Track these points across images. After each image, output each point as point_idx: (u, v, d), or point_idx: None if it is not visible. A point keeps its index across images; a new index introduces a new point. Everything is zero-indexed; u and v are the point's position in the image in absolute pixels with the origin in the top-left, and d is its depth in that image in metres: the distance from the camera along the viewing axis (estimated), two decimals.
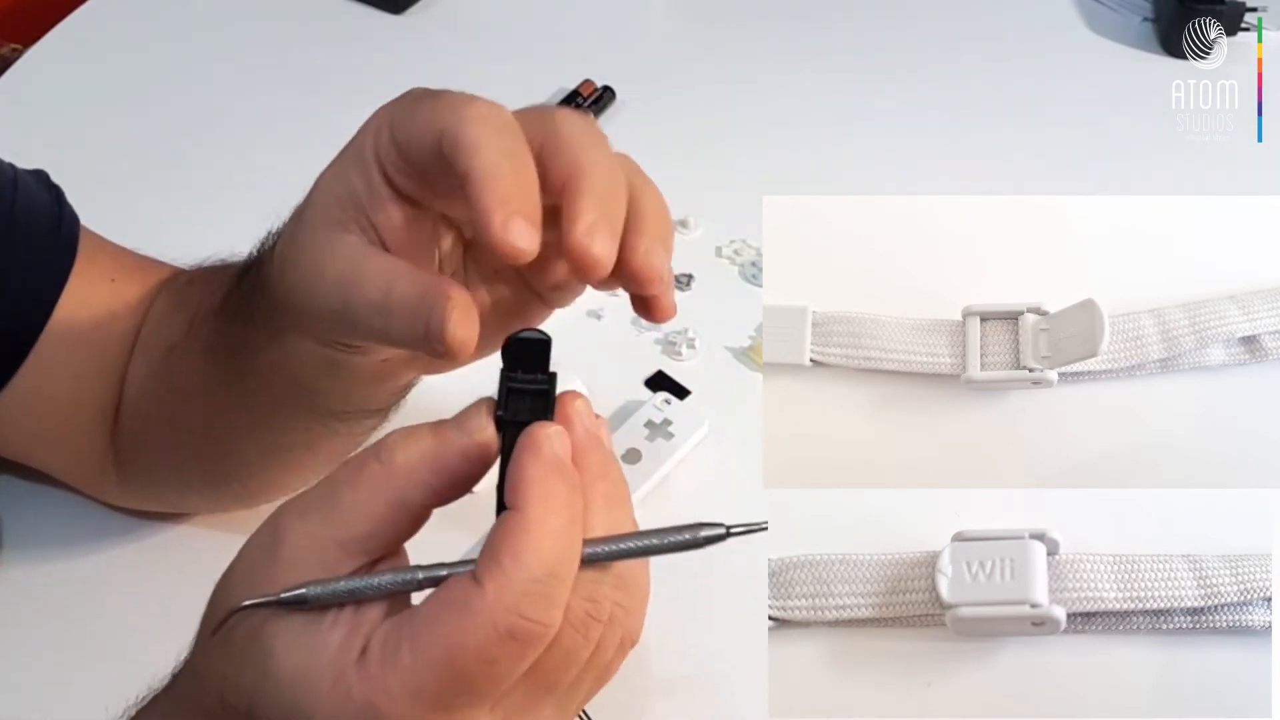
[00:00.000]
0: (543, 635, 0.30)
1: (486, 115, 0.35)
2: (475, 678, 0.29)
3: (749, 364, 0.66)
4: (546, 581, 0.29)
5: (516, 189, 0.33)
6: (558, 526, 0.30)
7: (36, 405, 0.52)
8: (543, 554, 0.29)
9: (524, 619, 0.29)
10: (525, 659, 0.30)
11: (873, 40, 0.91)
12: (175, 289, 0.53)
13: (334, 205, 0.38)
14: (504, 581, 0.29)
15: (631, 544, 0.31)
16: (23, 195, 0.52)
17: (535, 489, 0.30)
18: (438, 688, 0.29)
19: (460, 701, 0.30)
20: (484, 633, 0.29)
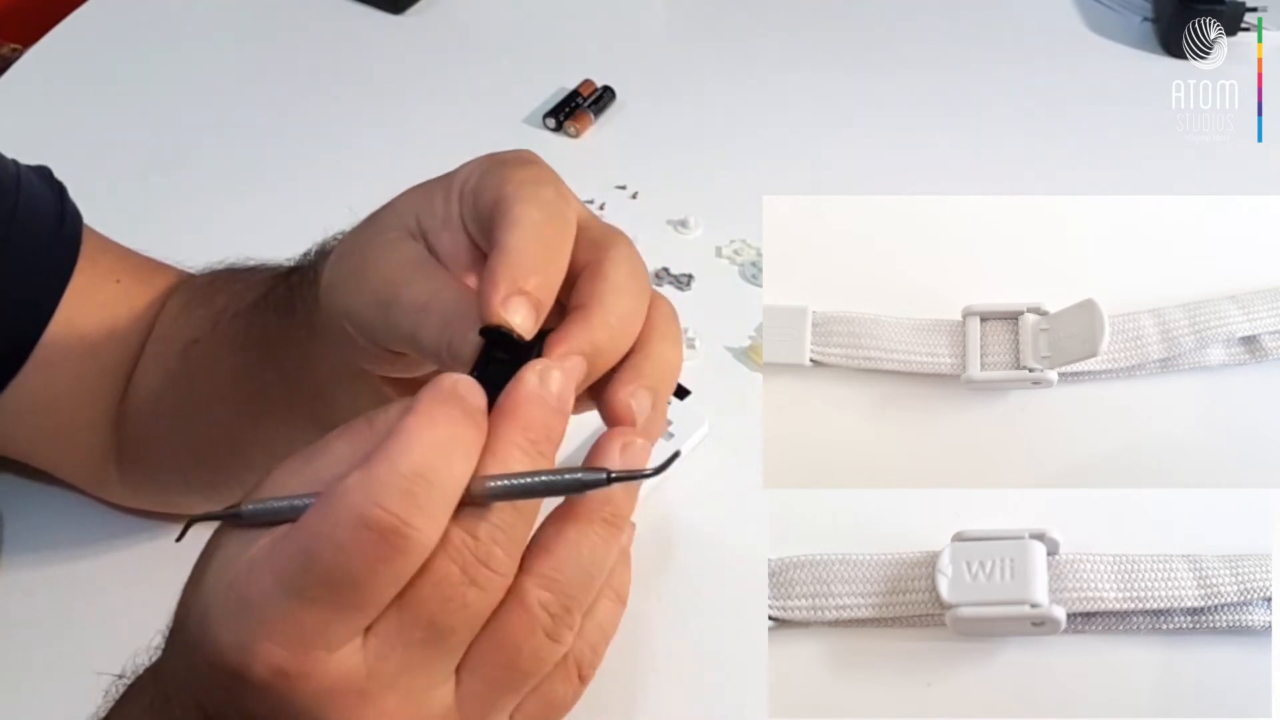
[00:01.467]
0: (399, 531, 0.28)
1: (546, 201, 0.35)
2: (331, 568, 0.28)
3: (749, 364, 0.65)
4: (411, 479, 0.28)
5: (535, 271, 0.33)
6: (433, 437, 0.29)
7: (39, 404, 0.52)
8: (412, 456, 0.29)
9: (380, 508, 0.28)
10: (384, 559, 0.28)
11: (873, 40, 0.91)
12: (193, 289, 0.53)
13: (410, 214, 0.38)
14: (367, 473, 0.29)
15: (518, 483, 0.31)
16: (26, 192, 0.52)
17: (422, 407, 0.30)
18: (297, 576, 0.29)
19: (319, 594, 0.29)
20: (339, 518, 0.28)
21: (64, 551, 0.57)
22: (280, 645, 0.29)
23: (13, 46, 1.03)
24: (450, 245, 0.38)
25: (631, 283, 0.35)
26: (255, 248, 0.55)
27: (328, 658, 0.29)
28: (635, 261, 0.36)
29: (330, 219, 0.43)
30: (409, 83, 0.85)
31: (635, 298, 0.35)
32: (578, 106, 0.82)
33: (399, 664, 0.30)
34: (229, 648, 0.29)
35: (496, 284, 0.33)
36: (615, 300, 0.35)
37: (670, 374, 0.36)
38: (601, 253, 0.36)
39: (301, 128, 0.81)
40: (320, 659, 0.29)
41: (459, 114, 0.81)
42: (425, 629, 0.30)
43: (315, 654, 0.29)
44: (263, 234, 0.52)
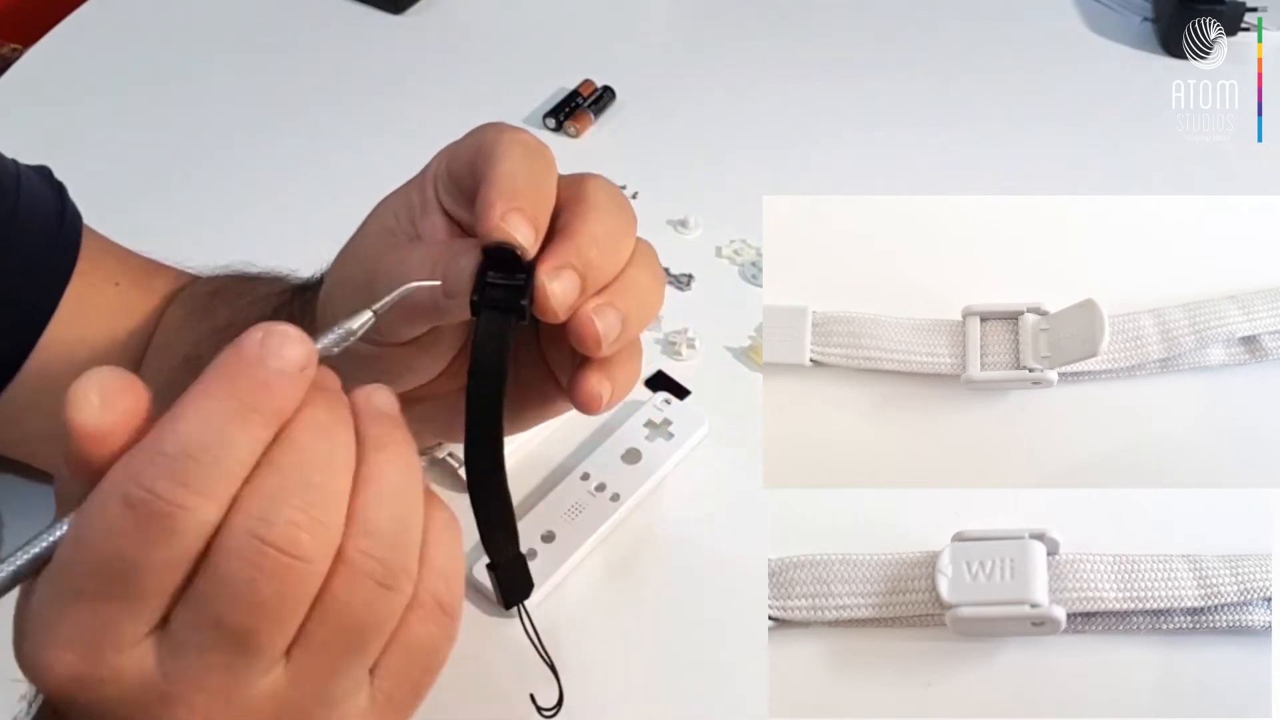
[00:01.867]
0: (164, 511, 0.26)
1: (523, 140, 0.37)
2: (100, 555, 0.27)
3: (749, 364, 0.65)
4: (177, 457, 0.26)
5: (526, 193, 0.34)
6: (210, 409, 0.27)
7: (37, 405, 0.52)
8: (179, 432, 0.27)
9: (142, 488, 0.26)
10: (154, 542, 0.26)
11: (873, 40, 0.91)
12: (193, 299, 0.53)
13: (388, 215, 0.40)
14: (132, 451, 0.27)
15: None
16: (26, 192, 0.52)
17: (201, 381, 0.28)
18: (68, 571, 0.27)
19: (98, 590, 0.27)
20: (103, 499, 0.27)
21: None
22: (67, 650, 0.27)
23: (13, 46, 1.03)
24: (429, 229, 0.39)
25: (612, 203, 0.37)
26: (254, 246, 0.55)
27: (118, 658, 0.28)
28: (612, 188, 0.38)
29: (329, 218, 0.43)
30: (409, 83, 0.85)
31: (618, 216, 0.37)
32: (578, 106, 0.82)
33: (196, 664, 0.28)
34: (25, 665, 0.28)
35: (493, 204, 0.34)
36: (598, 218, 0.36)
37: (645, 300, 0.37)
38: (578, 185, 0.37)
39: (301, 127, 0.81)
40: (111, 660, 0.27)
41: (459, 114, 0.80)
42: (216, 628, 0.28)
43: (104, 655, 0.27)
44: (262, 233, 0.52)
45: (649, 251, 0.39)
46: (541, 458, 0.59)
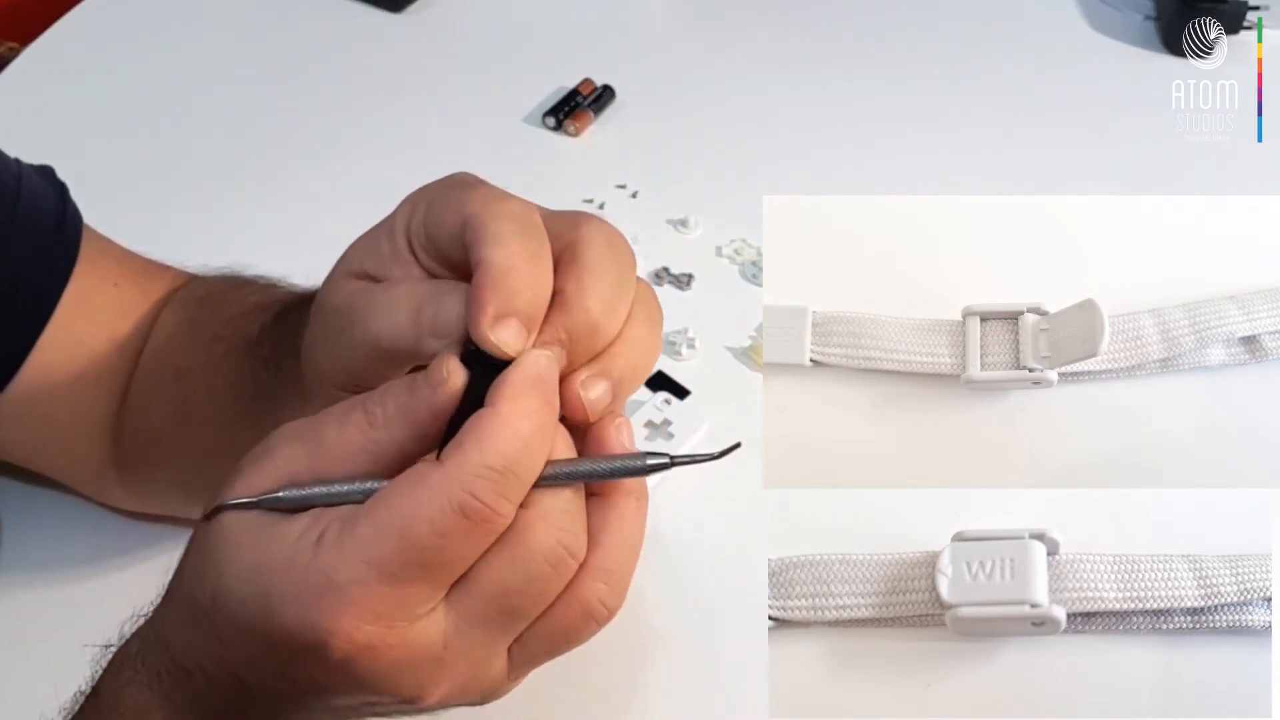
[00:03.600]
0: (491, 519, 0.30)
1: (516, 213, 0.34)
2: (426, 549, 0.30)
3: (749, 364, 0.65)
4: (503, 472, 0.30)
5: (523, 289, 0.33)
6: (525, 429, 0.31)
7: (36, 408, 0.51)
8: (504, 447, 0.31)
9: (474, 498, 0.30)
10: (473, 542, 0.31)
11: (873, 40, 0.91)
12: (186, 304, 0.53)
13: (356, 261, 0.38)
14: (462, 460, 0.30)
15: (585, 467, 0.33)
16: (27, 192, 0.52)
17: (511, 391, 0.31)
18: (390, 555, 0.30)
19: (410, 574, 0.30)
20: (437, 503, 0.30)
21: (63, 555, 0.57)
22: (367, 621, 0.30)
23: (10, 45, 1.03)
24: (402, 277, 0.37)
25: (610, 259, 0.34)
26: (254, 246, 0.55)
27: (410, 629, 0.31)
28: (610, 235, 0.35)
29: (329, 216, 0.43)
30: (409, 82, 0.85)
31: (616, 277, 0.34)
32: (577, 105, 0.82)
33: (475, 639, 0.32)
34: (304, 628, 0.31)
35: (483, 306, 0.32)
36: (595, 287, 0.34)
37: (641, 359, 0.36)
38: (573, 236, 0.35)
39: (300, 126, 0.81)
40: (404, 629, 0.31)
41: (459, 113, 0.81)
42: (507, 612, 0.32)
43: (400, 625, 0.31)
44: (261, 232, 0.52)
45: (648, 299, 0.36)
46: None
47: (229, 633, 0.32)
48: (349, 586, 0.30)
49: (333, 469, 0.32)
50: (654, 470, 0.34)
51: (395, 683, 0.31)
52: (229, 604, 0.32)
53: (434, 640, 0.31)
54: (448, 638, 0.32)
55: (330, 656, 0.31)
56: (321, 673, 0.31)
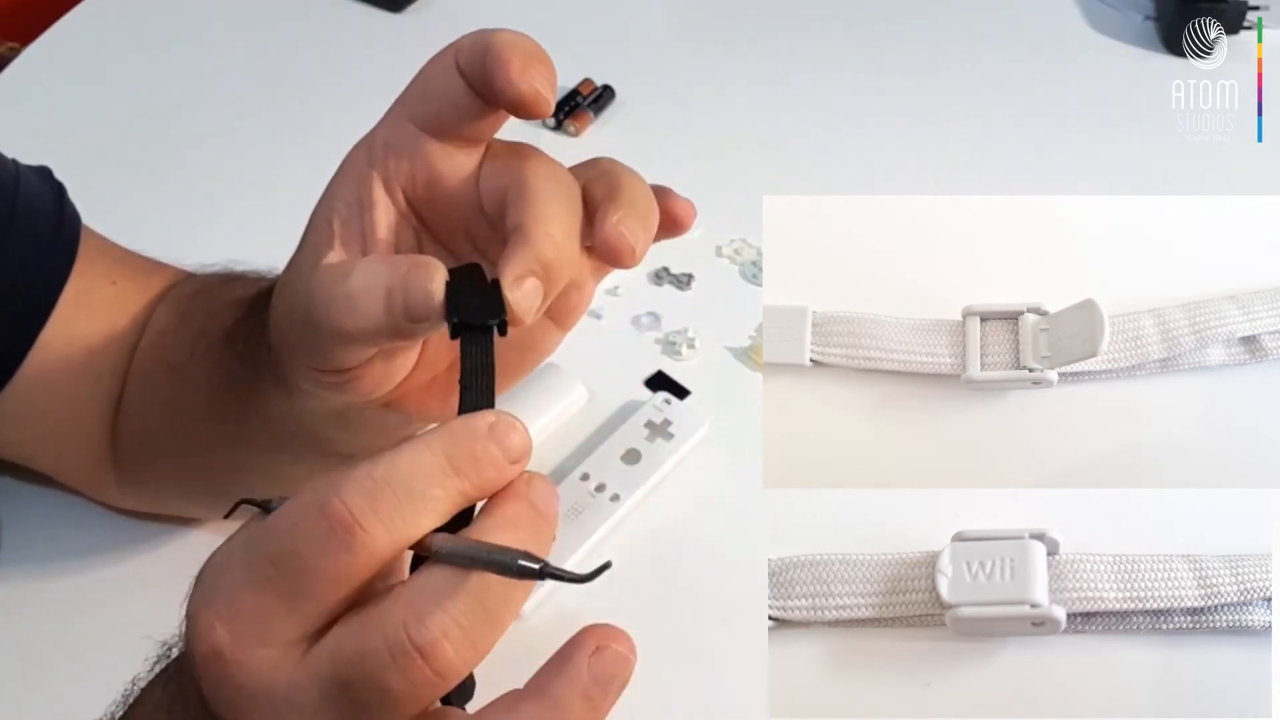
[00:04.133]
0: (348, 526, 0.28)
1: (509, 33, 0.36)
2: (280, 543, 0.29)
3: (749, 364, 0.65)
4: (378, 482, 0.28)
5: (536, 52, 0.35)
6: (424, 461, 0.29)
7: (35, 406, 0.51)
8: (395, 463, 0.29)
9: (338, 498, 0.28)
10: (327, 551, 0.28)
11: (873, 40, 0.91)
12: (178, 300, 0.53)
13: (323, 222, 0.38)
14: (348, 469, 0.29)
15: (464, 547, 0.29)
16: (25, 192, 0.52)
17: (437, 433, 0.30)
18: (251, 549, 0.29)
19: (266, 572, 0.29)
20: (302, 501, 0.29)
21: (63, 554, 0.57)
22: (222, 622, 0.29)
23: (10, 45, 1.03)
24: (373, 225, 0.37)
25: (557, 186, 0.35)
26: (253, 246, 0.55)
27: (257, 653, 0.29)
28: (551, 166, 0.36)
29: None
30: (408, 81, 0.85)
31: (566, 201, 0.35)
32: (577, 105, 0.82)
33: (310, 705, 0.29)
34: (186, 613, 0.30)
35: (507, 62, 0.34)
36: (548, 210, 0.34)
37: (647, 201, 0.37)
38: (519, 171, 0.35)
39: (300, 126, 0.81)
40: (254, 650, 0.29)
41: None
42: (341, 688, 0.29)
43: (251, 642, 0.29)
44: (260, 232, 0.51)
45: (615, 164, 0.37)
46: (541, 459, 0.59)
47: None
48: (217, 574, 0.29)
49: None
50: (522, 574, 0.29)
51: (236, 712, 0.29)
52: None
53: (276, 681, 0.29)
54: (289, 691, 0.29)
55: (196, 653, 0.29)
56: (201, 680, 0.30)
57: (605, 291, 0.70)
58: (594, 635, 0.30)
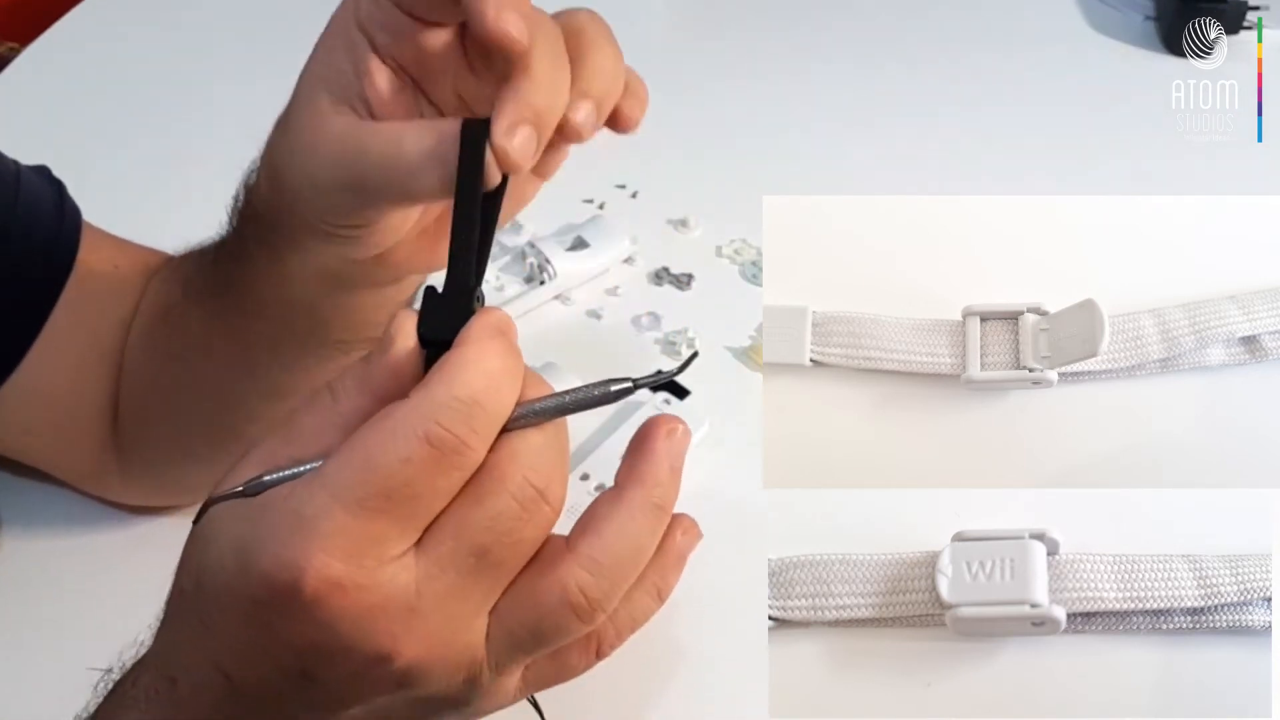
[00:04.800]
0: (457, 449, 0.30)
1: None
2: (392, 479, 0.30)
3: (749, 364, 0.65)
4: (469, 404, 0.30)
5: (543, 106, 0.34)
6: (492, 365, 0.31)
7: (39, 396, 0.52)
8: (471, 380, 0.30)
9: (440, 426, 0.30)
10: (442, 473, 0.30)
11: (873, 40, 0.91)
12: (170, 265, 0.53)
13: (322, 91, 0.38)
14: (428, 394, 0.30)
15: (551, 402, 0.32)
16: (25, 188, 0.52)
17: (477, 334, 0.31)
18: (356, 486, 0.30)
19: (378, 506, 0.30)
20: (402, 432, 0.30)
21: (62, 550, 0.57)
22: (336, 557, 0.30)
23: (10, 45, 1.03)
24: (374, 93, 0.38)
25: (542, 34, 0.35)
26: None
27: (380, 569, 0.30)
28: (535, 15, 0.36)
29: None
30: None
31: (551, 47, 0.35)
32: None
33: (448, 586, 0.31)
34: (277, 568, 0.30)
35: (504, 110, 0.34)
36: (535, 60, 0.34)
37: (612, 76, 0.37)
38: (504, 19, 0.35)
39: None
40: (374, 570, 0.30)
41: None
42: (479, 556, 0.31)
43: (369, 564, 0.30)
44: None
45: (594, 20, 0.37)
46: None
47: (211, 610, 0.32)
48: (317, 520, 0.30)
49: (308, 450, 0.32)
50: (618, 396, 0.33)
51: (367, 631, 0.30)
52: (210, 573, 0.31)
53: (405, 585, 0.30)
54: (419, 583, 0.31)
55: (303, 598, 0.30)
56: (296, 626, 0.30)
57: (605, 291, 0.70)
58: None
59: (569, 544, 0.32)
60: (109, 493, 0.57)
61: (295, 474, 0.32)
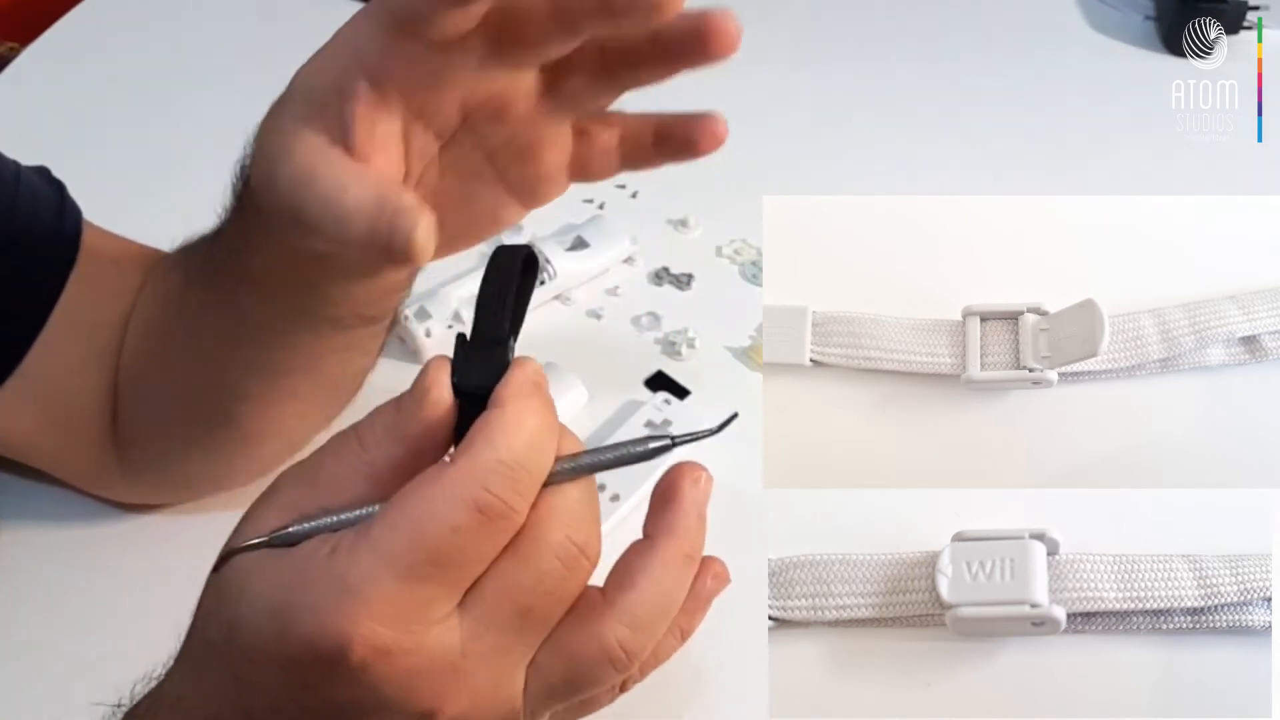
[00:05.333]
0: (505, 514, 0.30)
1: None
2: (440, 546, 0.30)
3: (749, 364, 0.65)
4: (514, 467, 0.30)
5: None
6: (532, 425, 0.31)
7: (41, 394, 0.52)
8: (514, 443, 0.31)
9: (489, 492, 0.30)
10: (489, 538, 0.30)
11: (873, 39, 0.91)
12: (169, 259, 0.53)
13: (302, 99, 0.38)
14: (474, 458, 0.30)
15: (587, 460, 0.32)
16: (25, 190, 0.52)
17: (515, 391, 0.31)
18: (405, 554, 0.30)
19: (426, 574, 0.30)
20: (450, 499, 0.30)
21: (62, 549, 0.57)
22: (384, 624, 0.30)
23: (10, 45, 1.03)
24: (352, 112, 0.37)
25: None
26: None
27: (426, 633, 0.30)
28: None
29: None
30: None
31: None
32: None
33: (492, 644, 0.31)
34: (321, 635, 0.30)
35: None
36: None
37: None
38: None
39: None
40: (421, 634, 0.30)
41: None
42: (522, 614, 0.31)
43: (416, 629, 0.30)
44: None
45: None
46: None
47: (244, 664, 0.31)
48: (364, 587, 0.30)
49: (336, 499, 0.32)
50: (656, 453, 0.34)
51: (412, 693, 0.31)
52: (244, 630, 0.31)
53: (451, 646, 0.31)
54: (464, 643, 0.31)
55: (348, 664, 0.30)
56: (339, 688, 0.30)
57: (605, 291, 0.70)
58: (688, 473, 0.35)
59: (606, 597, 0.33)
60: (111, 491, 0.57)
61: (326, 525, 0.32)
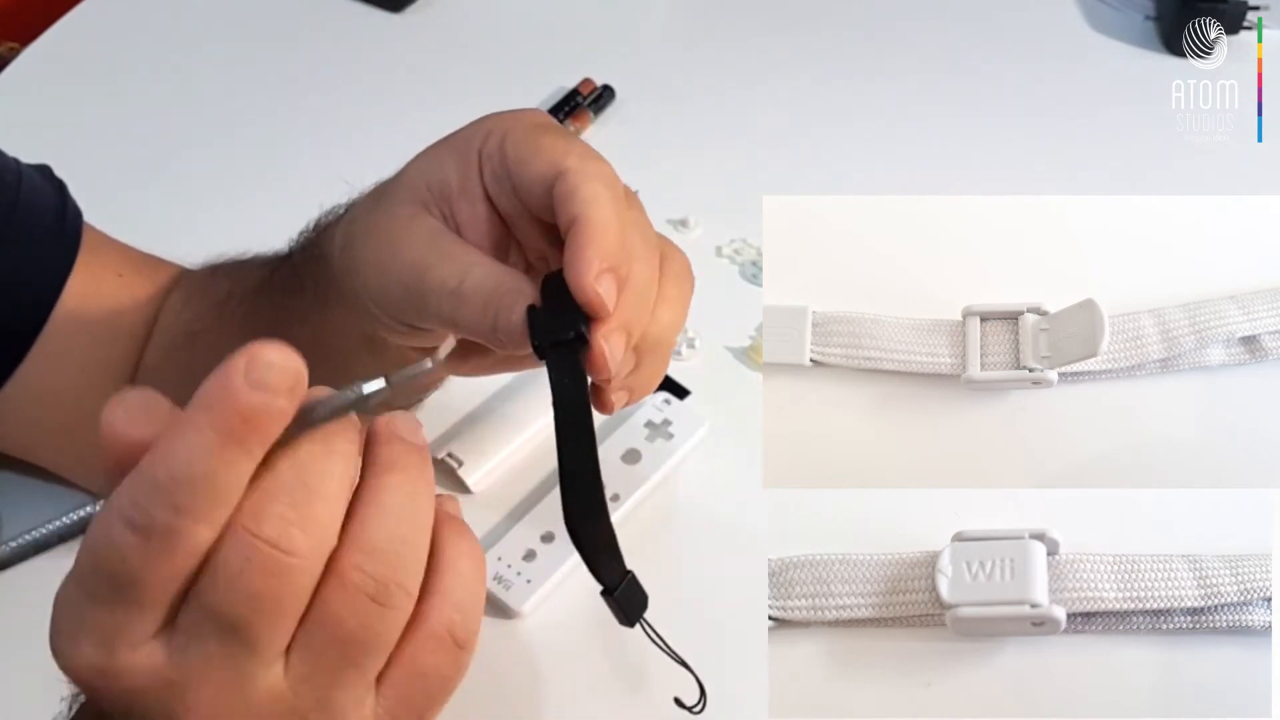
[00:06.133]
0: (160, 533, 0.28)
1: (610, 177, 0.37)
2: (111, 566, 0.29)
3: (749, 364, 0.65)
4: (167, 484, 0.28)
5: (619, 249, 0.36)
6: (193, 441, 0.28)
7: (42, 397, 0.52)
8: (168, 460, 0.29)
9: (140, 512, 0.28)
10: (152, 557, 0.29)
11: (873, 40, 0.91)
12: (194, 281, 0.53)
13: (422, 187, 0.39)
14: (132, 475, 0.29)
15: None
16: (27, 189, 0.52)
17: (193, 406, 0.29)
18: (86, 578, 0.30)
19: (111, 595, 0.29)
20: (109, 519, 0.29)
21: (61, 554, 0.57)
22: (86, 645, 0.30)
23: (10, 45, 1.03)
24: (469, 214, 0.39)
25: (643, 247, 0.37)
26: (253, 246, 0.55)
27: (132, 655, 0.30)
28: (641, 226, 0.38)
29: None
30: (408, 82, 0.85)
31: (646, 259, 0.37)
32: (577, 105, 0.82)
33: (199, 654, 0.30)
34: (54, 653, 0.31)
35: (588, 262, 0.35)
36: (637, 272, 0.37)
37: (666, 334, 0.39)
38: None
39: (300, 126, 0.81)
40: (125, 656, 0.30)
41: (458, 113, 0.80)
42: (214, 622, 0.30)
43: (119, 651, 0.30)
44: (261, 232, 0.52)
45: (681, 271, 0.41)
46: (541, 458, 0.59)
47: None
48: (66, 609, 0.30)
49: None
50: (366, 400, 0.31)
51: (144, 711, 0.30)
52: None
53: (158, 664, 0.30)
54: (173, 660, 0.30)
55: (87, 684, 0.31)
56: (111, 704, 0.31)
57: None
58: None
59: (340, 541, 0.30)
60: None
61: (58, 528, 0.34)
